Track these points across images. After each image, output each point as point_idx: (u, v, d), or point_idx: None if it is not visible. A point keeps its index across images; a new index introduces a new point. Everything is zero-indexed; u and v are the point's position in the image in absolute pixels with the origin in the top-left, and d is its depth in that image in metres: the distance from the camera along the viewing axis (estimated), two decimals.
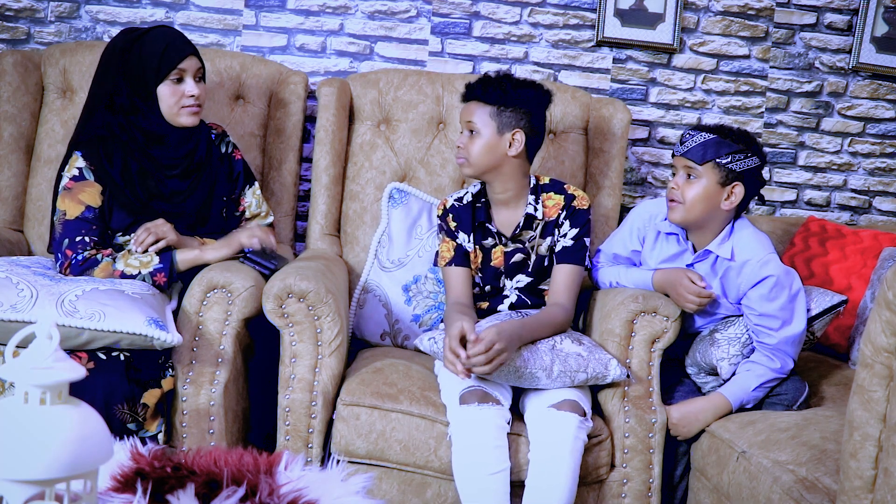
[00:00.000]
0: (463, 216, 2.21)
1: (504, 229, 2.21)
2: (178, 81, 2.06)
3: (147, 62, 2.03)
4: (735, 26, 2.87)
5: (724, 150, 2.08)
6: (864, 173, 2.99)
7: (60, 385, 1.05)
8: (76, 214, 2.05)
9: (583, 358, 1.95)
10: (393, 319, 2.37)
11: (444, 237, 2.21)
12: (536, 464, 1.86)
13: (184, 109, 2.07)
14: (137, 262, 2.02)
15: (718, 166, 2.08)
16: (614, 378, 1.99)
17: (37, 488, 1.01)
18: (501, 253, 2.20)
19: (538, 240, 2.19)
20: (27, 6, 2.69)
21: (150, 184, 2.09)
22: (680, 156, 2.12)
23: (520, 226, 2.19)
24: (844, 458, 1.49)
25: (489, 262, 2.21)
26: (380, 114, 2.56)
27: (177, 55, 2.05)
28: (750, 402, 2.07)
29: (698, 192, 2.10)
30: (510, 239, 2.20)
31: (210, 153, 2.20)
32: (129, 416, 1.83)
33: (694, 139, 2.11)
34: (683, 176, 2.12)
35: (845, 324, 2.39)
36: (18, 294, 1.82)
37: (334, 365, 2.03)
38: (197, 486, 1.24)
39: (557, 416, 1.88)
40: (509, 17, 2.82)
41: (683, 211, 2.12)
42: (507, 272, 2.21)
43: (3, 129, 2.43)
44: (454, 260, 2.18)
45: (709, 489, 2.01)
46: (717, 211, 2.12)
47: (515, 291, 2.21)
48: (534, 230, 2.19)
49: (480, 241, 2.21)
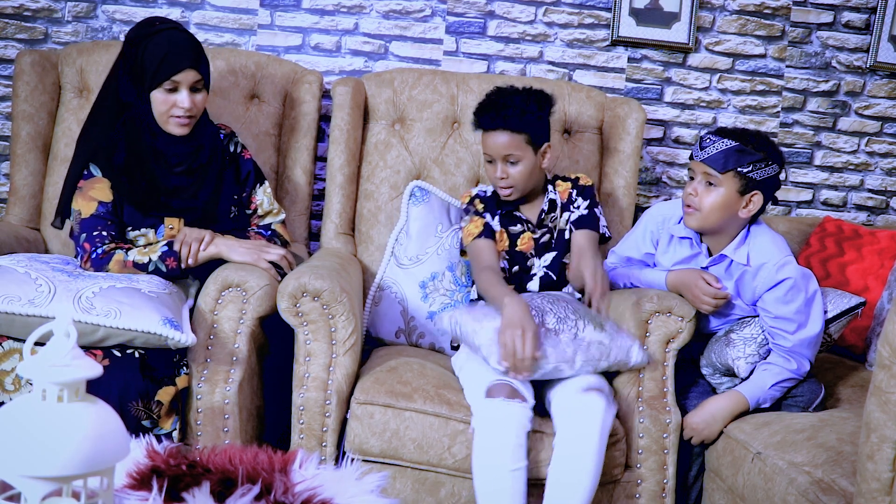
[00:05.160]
0: (489, 203, 2.29)
1: (531, 217, 2.30)
2: (172, 91, 2.05)
3: (146, 65, 2.03)
4: (751, 25, 2.85)
5: (747, 159, 2.03)
6: (881, 173, 2.97)
7: (78, 382, 1.06)
8: (91, 212, 2.07)
9: (604, 346, 1.96)
10: (409, 316, 2.37)
11: (473, 216, 2.28)
12: (563, 441, 1.87)
13: (173, 119, 2.07)
14: (147, 250, 2.04)
15: (739, 175, 2.04)
16: (636, 363, 1.99)
17: (54, 485, 1.02)
18: (529, 239, 2.28)
19: (559, 219, 2.29)
20: (45, 6, 2.71)
21: (157, 179, 2.10)
22: (699, 161, 2.08)
23: (544, 211, 2.29)
24: (861, 460, 1.48)
25: (515, 247, 2.27)
26: (394, 113, 2.56)
27: (172, 67, 2.03)
28: (767, 401, 2.06)
29: (716, 200, 2.06)
30: (537, 225, 2.29)
31: (217, 151, 2.21)
32: (143, 413, 1.84)
33: (715, 146, 2.05)
34: (703, 183, 2.08)
35: (862, 325, 2.38)
36: (37, 289, 1.84)
37: (348, 364, 2.03)
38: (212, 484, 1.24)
39: (585, 398, 1.90)
40: (524, 16, 2.81)
41: (700, 218, 2.09)
42: (536, 253, 2.28)
43: (21, 128, 2.45)
44: (483, 234, 2.24)
45: (723, 490, 2.00)
46: (734, 219, 2.09)
47: (543, 269, 2.27)
48: (555, 212, 2.30)
49: (507, 226, 2.28)
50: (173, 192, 2.12)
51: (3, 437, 1.02)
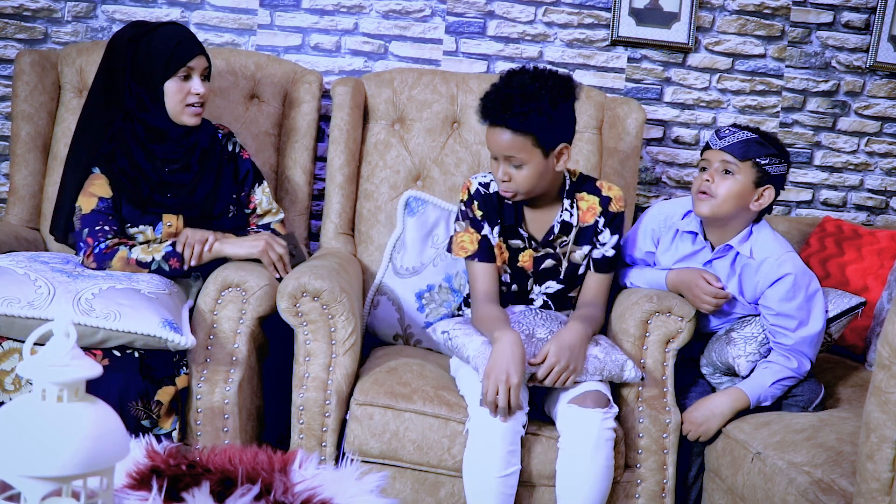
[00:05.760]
0: (489, 206, 2.07)
1: (536, 233, 2.10)
2: (186, 79, 2.08)
3: (156, 56, 2.04)
4: (751, 25, 2.85)
5: (766, 150, 2.06)
6: (880, 173, 2.97)
7: (77, 382, 1.06)
8: (91, 207, 2.07)
9: (599, 360, 1.95)
10: (405, 324, 2.37)
11: (468, 226, 2.07)
12: (564, 461, 1.88)
13: (188, 108, 2.09)
14: (151, 249, 2.04)
15: (757, 166, 2.05)
16: (629, 379, 1.99)
17: (54, 485, 1.02)
18: (530, 257, 2.10)
19: (572, 246, 2.08)
20: (45, 6, 2.71)
21: (153, 176, 2.11)
22: (719, 150, 2.08)
23: (553, 232, 2.08)
24: (861, 460, 1.48)
25: (516, 262, 2.11)
26: (394, 113, 2.56)
27: (188, 52, 2.06)
28: (767, 398, 2.06)
29: (733, 187, 2.06)
30: (540, 244, 2.10)
31: (214, 149, 2.21)
32: (143, 413, 1.84)
33: (735, 136, 2.07)
34: (720, 171, 2.07)
35: (862, 325, 2.38)
36: (36, 291, 1.84)
37: (348, 364, 2.03)
38: (212, 484, 1.24)
39: (581, 414, 1.89)
40: (524, 16, 2.81)
41: (714, 205, 2.08)
42: (535, 277, 2.13)
43: (21, 128, 2.45)
44: (479, 255, 2.06)
45: (723, 490, 2.00)
46: (744, 210, 2.09)
47: (543, 297, 2.16)
48: (567, 236, 2.09)
49: (508, 239, 2.10)
50: (170, 188, 2.13)
51: (3, 437, 1.02)
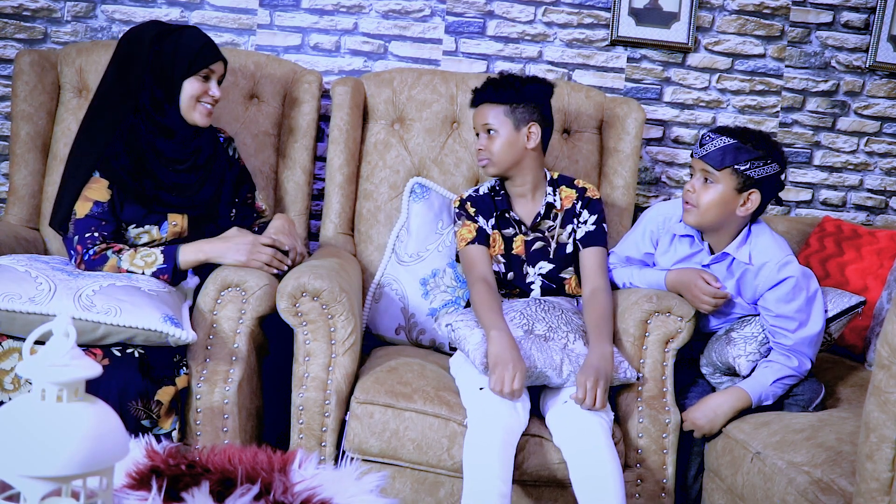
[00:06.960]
0: (481, 205, 2.27)
1: (525, 218, 2.27)
2: (205, 80, 2.12)
3: (181, 55, 2.08)
4: (750, 25, 2.85)
5: (744, 156, 2.04)
6: (880, 173, 2.97)
7: (77, 382, 1.06)
8: (85, 212, 2.06)
9: None
10: (409, 314, 2.38)
11: (465, 221, 2.25)
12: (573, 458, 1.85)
13: (200, 106, 2.12)
14: (142, 262, 2.03)
15: (736, 172, 2.04)
16: (624, 380, 1.99)
17: (54, 485, 1.02)
18: (522, 242, 2.26)
19: (558, 229, 2.26)
20: (44, 6, 2.71)
21: (159, 176, 2.11)
22: (698, 158, 2.09)
23: (540, 214, 2.26)
24: (860, 460, 1.48)
25: (511, 250, 2.26)
26: (394, 113, 2.56)
27: (213, 55, 2.13)
28: (768, 397, 2.06)
29: (713, 197, 2.07)
30: (530, 228, 2.26)
31: (217, 152, 2.22)
32: (143, 412, 1.84)
33: (714, 143, 2.06)
34: (700, 179, 2.09)
35: (861, 325, 2.38)
36: (37, 287, 1.84)
37: (348, 363, 2.03)
38: (211, 484, 1.24)
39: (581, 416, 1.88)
40: (523, 16, 2.81)
41: (698, 215, 2.10)
42: (528, 259, 2.25)
43: (20, 128, 2.45)
44: (476, 239, 2.22)
45: (723, 490, 2.00)
46: (732, 216, 2.10)
47: (539, 278, 2.25)
48: (553, 220, 2.27)
49: (501, 229, 2.26)
50: (176, 188, 2.13)
51: (3, 437, 1.02)
